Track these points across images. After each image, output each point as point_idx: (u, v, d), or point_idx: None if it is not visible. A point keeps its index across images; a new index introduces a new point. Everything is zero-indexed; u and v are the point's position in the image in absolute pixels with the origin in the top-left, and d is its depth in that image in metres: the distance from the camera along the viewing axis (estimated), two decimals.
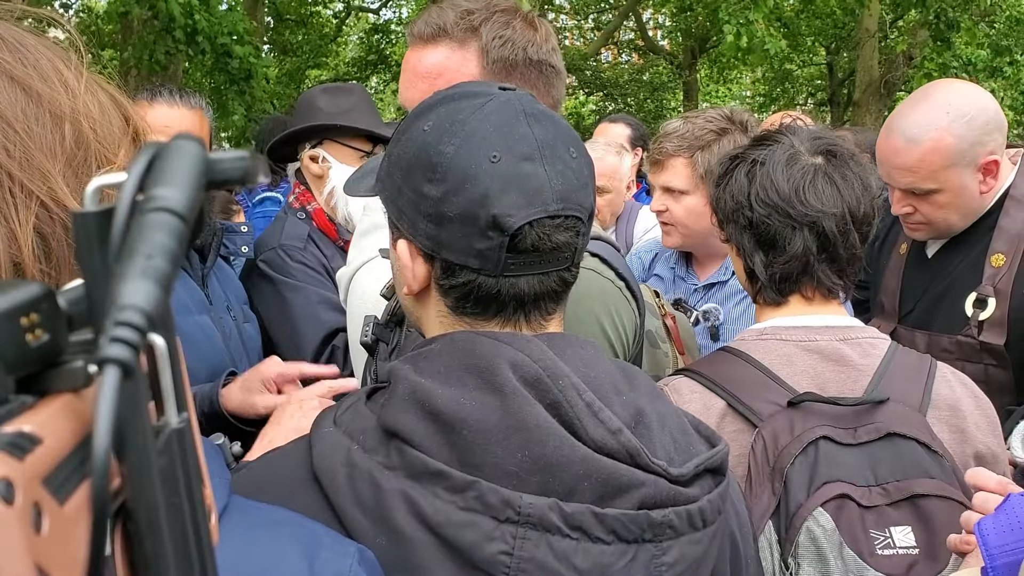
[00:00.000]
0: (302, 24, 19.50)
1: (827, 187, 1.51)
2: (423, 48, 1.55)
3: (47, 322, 0.38)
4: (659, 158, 2.48)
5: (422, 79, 1.54)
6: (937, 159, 2.16)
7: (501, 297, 1.03)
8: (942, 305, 2.32)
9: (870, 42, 14.64)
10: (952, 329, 2.26)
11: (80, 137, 0.71)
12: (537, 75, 1.55)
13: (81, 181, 0.71)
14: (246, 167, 0.40)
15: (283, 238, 2.59)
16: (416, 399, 0.96)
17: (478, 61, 1.52)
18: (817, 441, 1.39)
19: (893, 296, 2.46)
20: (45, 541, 0.33)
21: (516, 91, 1.08)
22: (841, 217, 1.51)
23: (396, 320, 1.52)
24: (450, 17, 1.53)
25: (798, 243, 1.51)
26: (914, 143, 2.18)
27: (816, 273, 1.54)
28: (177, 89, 2.64)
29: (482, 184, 0.98)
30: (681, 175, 2.43)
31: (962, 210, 2.26)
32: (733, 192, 1.57)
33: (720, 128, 2.40)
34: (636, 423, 1.00)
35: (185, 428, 0.40)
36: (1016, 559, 1.07)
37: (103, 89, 0.77)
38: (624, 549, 0.94)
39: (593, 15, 22.30)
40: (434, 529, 0.91)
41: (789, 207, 1.50)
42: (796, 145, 1.55)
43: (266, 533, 0.78)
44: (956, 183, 2.19)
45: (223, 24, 9.94)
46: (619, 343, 1.51)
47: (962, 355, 2.23)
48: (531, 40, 1.54)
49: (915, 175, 2.20)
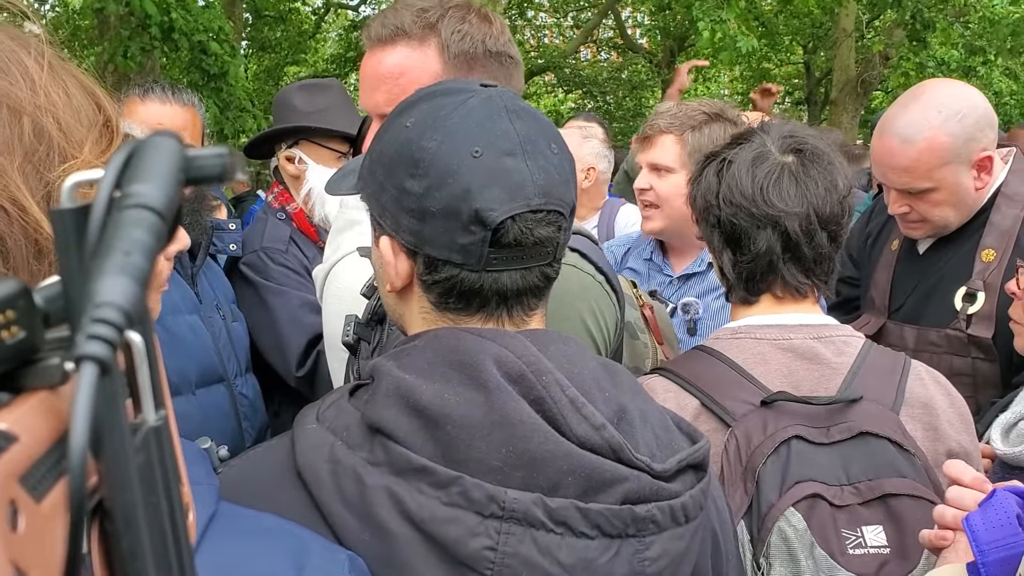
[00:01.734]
0: (281, 21, 19.37)
1: (792, 186, 1.51)
2: (382, 50, 1.55)
3: (23, 319, 0.38)
4: (649, 134, 2.49)
5: (384, 80, 1.54)
6: (932, 158, 2.18)
7: (484, 292, 1.04)
8: (932, 299, 2.34)
9: (847, 41, 14.73)
10: (941, 323, 2.28)
11: (40, 131, 0.70)
12: (497, 66, 1.56)
13: (42, 176, 0.69)
14: (224, 164, 0.40)
15: (265, 240, 2.58)
16: (400, 394, 0.96)
17: (439, 57, 1.53)
18: (789, 440, 1.39)
19: (883, 292, 2.49)
20: (21, 539, 0.33)
21: (498, 88, 1.08)
22: (805, 217, 1.51)
23: (377, 319, 1.52)
24: (407, 17, 1.53)
25: (762, 242, 1.52)
26: (909, 143, 2.19)
27: (782, 272, 1.55)
28: (169, 86, 2.62)
29: (464, 179, 0.99)
30: (670, 152, 2.44)
31: (959, 207, 2.28)
32: (703, 191, 1.59)
33: (713, 113, 2.43)
34: (619, 419, 1.00)
35: (162, 426, 0.40)
36: (1010, 554, 1.08)
37: (73, 76, 0.76)
38: (608, 544, 0.95)
39: (572, 13, 22.33)
40: (418, 525, 0.92)
41: (752, 206, 1.51)
42: (767, 144, 1.55)
43: (255, 541, 0.77)
44: (952, 181, 2.21)
45: (199, 21, 9.88)
46: (601, 339, 1.52)
47: (950, 349, 2.25)
48: (488, 33, 1.56)
49: (911, 175, 2.22)
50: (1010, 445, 1.79)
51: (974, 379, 2.22)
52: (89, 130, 0.74)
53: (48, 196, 0.69)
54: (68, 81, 0.75)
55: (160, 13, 9.17)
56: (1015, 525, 1.12)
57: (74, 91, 0.75)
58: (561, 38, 23.88)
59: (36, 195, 0.68)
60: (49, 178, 0.69)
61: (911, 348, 2.29)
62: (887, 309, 2.46)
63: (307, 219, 2.64)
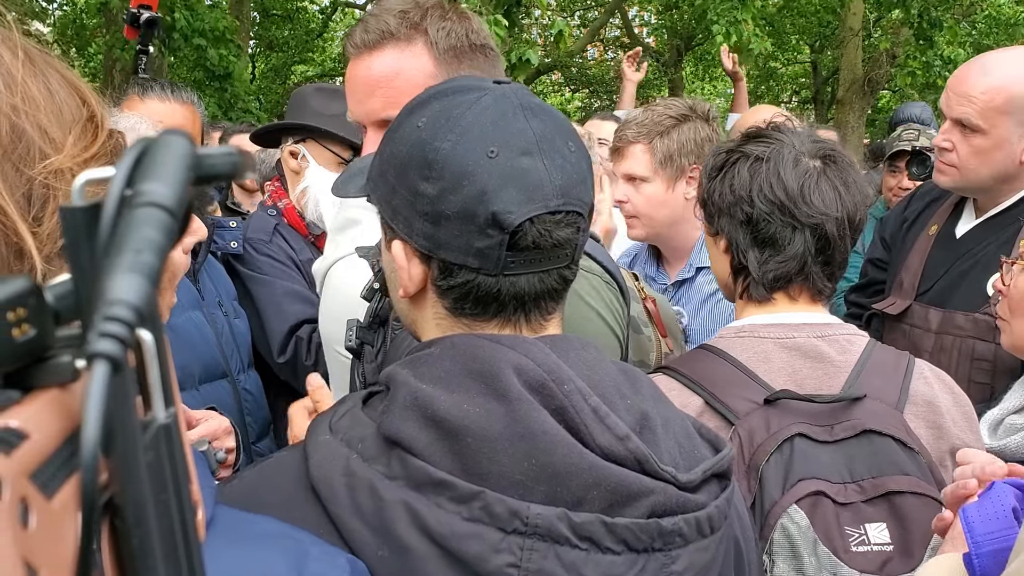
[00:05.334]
0: (288, 19, 19.41)
1: (830, 190, 1.51)
2: (370, 56, 1.54)
3: (33, 317, 0.38)
4: (619, 145, 2.50)
5: (379, 84, 1.53)
6: (998, 99, 2.25)
7: (501, 297, 1.00)
8: (964, 283, 2.36)
9: (853, 41, 14.68)
10: (970, 307, 2.30)
11: (17, 130, 0.69)
12: (483, 59, 1.56)
13: (22, 174, 0.68)
14: (234, 162, 0.40)
15: (249, 232, 2.66)
16: (417, 405, 0.92)
17: (429, 54, 1.52)
18: (792, 439, 1.39)
19: (915, 274, 2.50)
20: (32, 536, 0.33)
21: (511, 84, 1.04)
22: (841, 221, 1.52)
23: (379, 321, 1.50)
24: (390, 20, 1.52)
25: (798, 243, 1.51)
26: (985, 75, 2.27)
27: (811, 274, 1.55)
28: (169, 84, 2.65)
29: (480, 180, 0.95)
30: (640, 161, 2.45)
31: (996, 167, 2.31)
32: (733, 185, 1.55)
33: (680, 115, 2.42)
34: (641, 428, 0.97)
35: (172, 423, 0.40)
36: (1003, 546, 1.09)
37: (56, 71, 0.75)
38: (634, 559, 0.92)
39: (579, 12, 22.30)
40: (438, 541, 0.88)
41: (794, 206, 1.50)
42: (797, 146, 1.55)
43: (253, 546, 0.76)
44: (1002, 133, 2.26)
45: (205, 21, 9.90)
46: (621, 336, 1.51)
47: (976, 333, 2.27)
48: (469, 27, 1.56)
49: (971, 105, 2.28)
50: (997, 440, 1.81)
51: (994, 365, 2.24)
52: (72, 126, 0.73)
53: (29, 195, 0.69)
54: (50, 76, 0.74)
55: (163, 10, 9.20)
56: (1010, 518, 1.13)
57: (57, 87, 0.74)
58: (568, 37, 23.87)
59: (16, 193, 0.68)
60: (30, 175, 0.69)
61: (934, 330, 2.33)
62: (915, 291, 2.48)
63: (298, 215, 2.68)
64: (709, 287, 2.44)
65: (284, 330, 2.46)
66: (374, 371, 1.50)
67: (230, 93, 10.80)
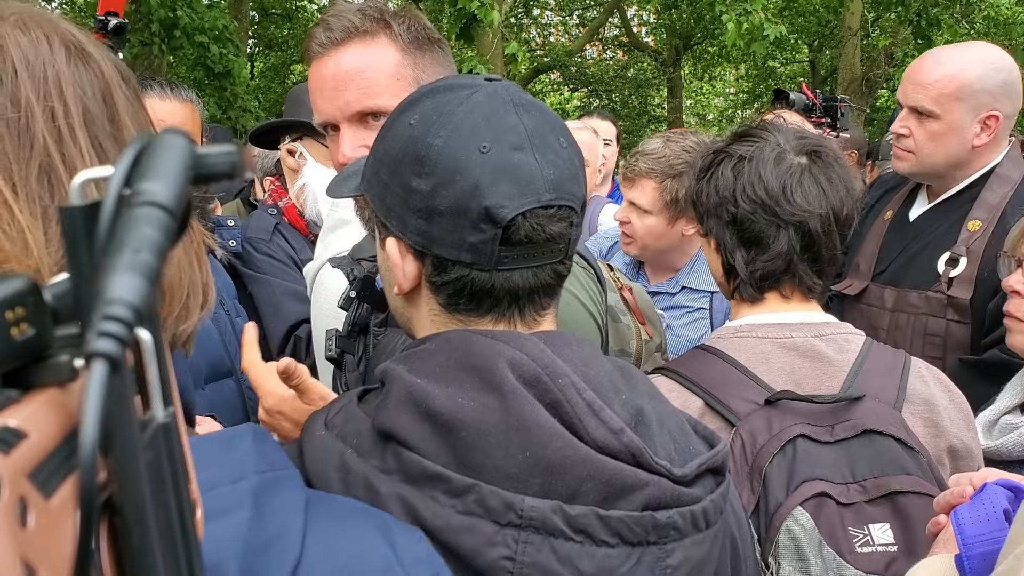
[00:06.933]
0: (287, 19, 19.41)
1: (813, 187, 1.51)
2: (337, 52, 1.54)
3: (32, 316, 0.38)
4: (630, 175, 2.55)
5: (351, 78, 1.53)
6: (950, 86, 2.37)
7: (495, 292, 1.01)
8: (916, 263, 2.50)
9: (852, 40, 14.70)
10: (922, 285, 2.44)
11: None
12: (441, 52, 1.60)
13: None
14: (233, 161, 0.40)
15: (249, 231, 2.68)
16: (412, 400, 0.93)
17: (394, 45, 1.54)
18: (795, 439, 1.39)
19: (871, 257, 2.63)
20: (31, 535, 0.33)
21: (503, 81, 1.06)
22: (825, 218, 1.51)
23: (358, 330, 1.50)
24: (353, 17, 1.54)
25: (783, 242, 1.52)
26: (939, 64, 2.43)
27: (799, 272, 1.55)
28: (168, 82, 2.65)
29: (473, 175, 0.96)
30: (648, 196, 2.51)
31: (950, 151, 2.44)
32: (718, 186, 1.56)
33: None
34: (636, 423, 0.97)
35: (171, 422, 0.40)
36: (993, 548, 1.09)
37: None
38: (629, 552, 0.92)
39: (578, 11, 22.29)
40: (433, 534, 0.88)
41: (776, 205, 1.50)
42: (782, 144, 1.55)
43: (350, 523, 0.77)
44: (955, 118, 2.39)
45: (204, 20, 9.90)
46: (600, 320, 1.52)
47: (928, 310, 2.41)
48: (424, 22, 1.60)
49: (925, 93, 2.41)
50: (993, 439, 1.82)
51: (945, 340, 2.37)
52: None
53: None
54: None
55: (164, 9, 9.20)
56: (1001, 520, 1.13)
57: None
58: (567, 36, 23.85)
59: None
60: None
61: (889, 308, 2.47)
62: (872, 272, 2.60)
63: (298, 213, 2.69)
64: (692, 304, 2.55)
65: (283, 330, 2.47)
66: (357, 379, 1.50)
67: (229, 92, 10.80)
